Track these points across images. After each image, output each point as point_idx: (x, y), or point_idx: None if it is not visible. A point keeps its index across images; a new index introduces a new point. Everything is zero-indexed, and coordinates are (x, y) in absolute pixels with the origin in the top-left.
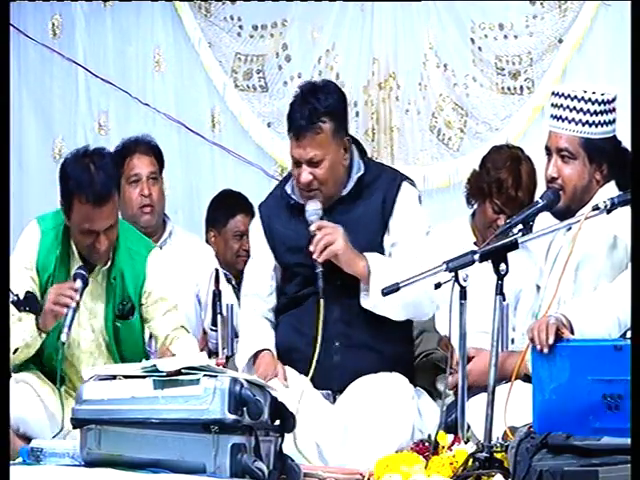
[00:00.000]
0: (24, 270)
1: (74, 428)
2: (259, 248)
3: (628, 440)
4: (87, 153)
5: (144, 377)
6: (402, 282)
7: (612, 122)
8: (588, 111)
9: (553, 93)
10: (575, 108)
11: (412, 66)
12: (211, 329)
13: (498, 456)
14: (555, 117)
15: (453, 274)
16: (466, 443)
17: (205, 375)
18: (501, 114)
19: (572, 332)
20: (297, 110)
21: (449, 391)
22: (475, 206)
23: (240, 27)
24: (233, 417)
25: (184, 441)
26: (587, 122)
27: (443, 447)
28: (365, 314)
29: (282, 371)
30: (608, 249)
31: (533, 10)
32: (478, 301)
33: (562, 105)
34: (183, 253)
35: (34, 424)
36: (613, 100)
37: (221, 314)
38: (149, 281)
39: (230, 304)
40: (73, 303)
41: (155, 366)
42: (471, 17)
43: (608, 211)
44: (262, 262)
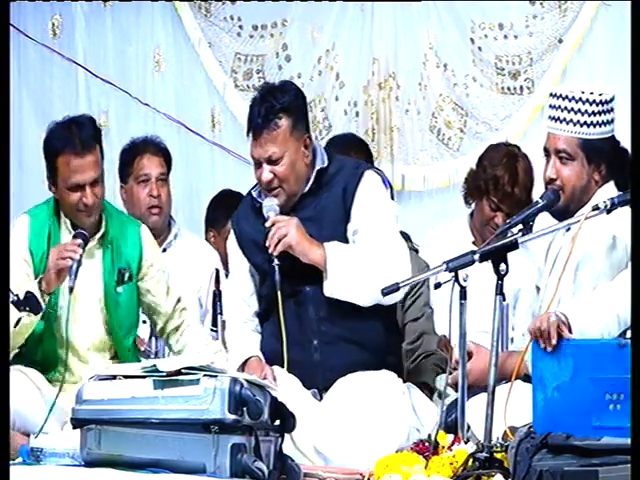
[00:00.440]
0: (19, 259)
1: (74, 428)
2: (235, 256)
3: (628, 440)
4: (67, 120)
5: (144, 377)
6: (402, 282)
7: (610, 122)
8: (586, 112)
9: (551, 94)
10: (573, 109)
11: (412, 66)
12: (211, 329)
13: (498, 456)
14: (553, 118)
15: (453, 274)
16: (466, 443)
17: (205, 375)
18: (501, 114)
19: (570, 331)
20: (255, 110)
21: (450, 390)
22: (473, 205)
23: (240, 27)
24: (233, 417)
25: (184, 441)
26: (585, 123)
27: (443, 447)
28: (340, 309)
29: (270, 372)
30: (607, 249)
31: (533, 10)
32: (478, 301)
33: (560, 106)
34: (187, 256)
35: (33, 417)
36: (611, 100)
37: (221, 314)
38: (147, 251)
39: None
40: (77, 256)
41: (155, 366)
42: (471, 17)
43: (608, 211)
44: (239, 267)
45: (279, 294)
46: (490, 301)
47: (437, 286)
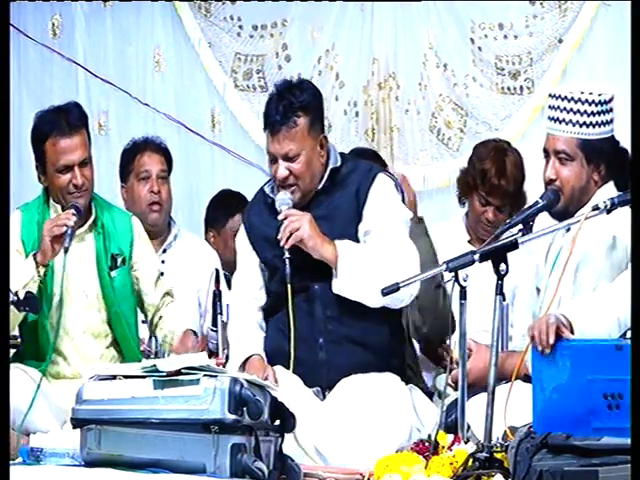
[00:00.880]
0: (12, 251)
1: (74, 428)
2: (244, 250)
3: (628, 440)
4: (53, 108)
5: (144, 377)
6: (402, 282)
7: (609, 122)
8: (585, 112)
9: (550, 95)
10: (572, 109)
11: (412, 66)
12: (211, 329)
13: (498, 456)
14: (552, 119)
15: (453, 274)
16: (466, 443)
17: (205, 375)
18: (501, 114)
19: (572, 332)
20: (272, 107)
21: (450, 390)
22: (466, 204)
23: (240, 27)
24: (233, 417)
25: (184, 441)
26: (584, 123)
27: (443, 447)
28: (348, 309)
29: (272, 373)
30: (607, 249)
31: (533, 10)
32: (478, 300)
33: (559, 107)
34: (187, 256)
35: (32, 416)
36: (610, 100)
37: (221, 314)
38: (138, 241)
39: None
40: (71, 222)
41: (155, 366)
42: (471, 17)
43: (608, 211)
44: (248, 261)
45: (289, 288)
46: (490, 301)
47: (437, 286)
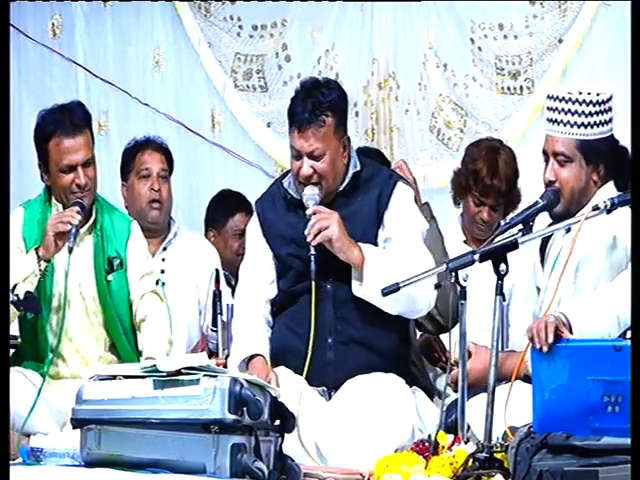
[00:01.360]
0: (13, 248)
1: (74, 428)
2: (256, 242)
3: (628, 440)
4: (57, 106)
5: (144, 377)
6: (402, 282)
7: (608, 122)
8: (583, 113)
9: (548, 96)
10: (570, 110)
11: (412, 66)
12: (211, 329)
13: (498, 456)
14: (550, 120)
15: (453, 274)
16: (466, 443)
17: (205, 375)
18: (501, 114)
19: (571, 332)
20: (300, 104)
21: (450, 390)
22: (461, 205)
23: (240, 27)
24: (233, 417)
25: (184, 441)
26: (582, 124)
27: (443, 447)
28: (358, 311)
29: (274, 377)
30: (608, 250)
31: (533, 10)
32: (478, 300)
33: (557, 108)
34: (187, 254)
35: (32, 419)
36: (609, 100)
37: (221, 314)
38: (132, 240)
39: (230, 304)
40: (75, 221)
41: (155, 366)
42: (471, 17)
43: (608, 211)
44: (261, 254)
45: (313, 285)
46: (489, 300)
47: (437, 286)
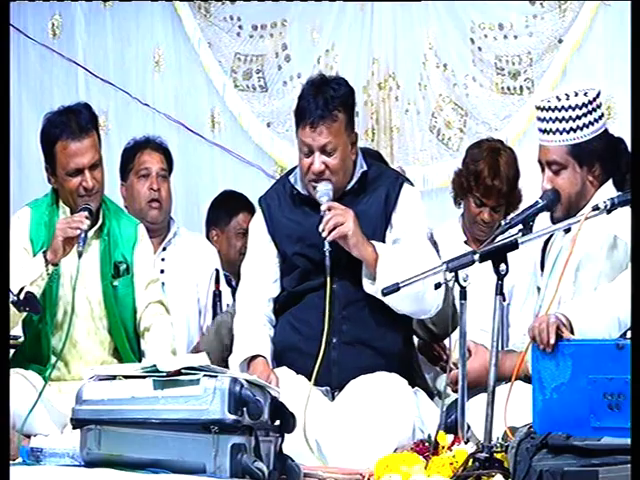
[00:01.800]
0: (20, 248)
1: (74, 428)
2: (260, 240)
3: (628, 440)
4: (63, 109)
5: (144, 377)
6: (402, 282)
7: (598, 119)
8: (570, 118)
9: (536, 107)
10: (557, 118)
11: (412, 66)
12: None
13: (498, 456)
14: (540, 130)
15: (453, 274)
16: (466, 443)
17: (205, 375)
18: (501, 114)
19: (572, 332)
20: (311, 100)
21: (449, 389)
22: (462, 205)
23: (240, 27)
24: (233, 417)
25: (184, 441)
26: (571, 129)
27: (443, 447)
28: (363, 311)
29: (275, 379)
30: (608, 249)
31: (533, 10)
32: (478, 299)
33: (545, 118)
34: (186, 254)
35: (32, 419)
36: (596, 97)
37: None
38: (140, 244)
39: (230, 305)
40: (84, 226)
41: (155, 366)
42: (471, 17)
43: (608, 211)
44: (266, 252)
45: (329, 281)
46: (489, 300)
47: (437, 286)
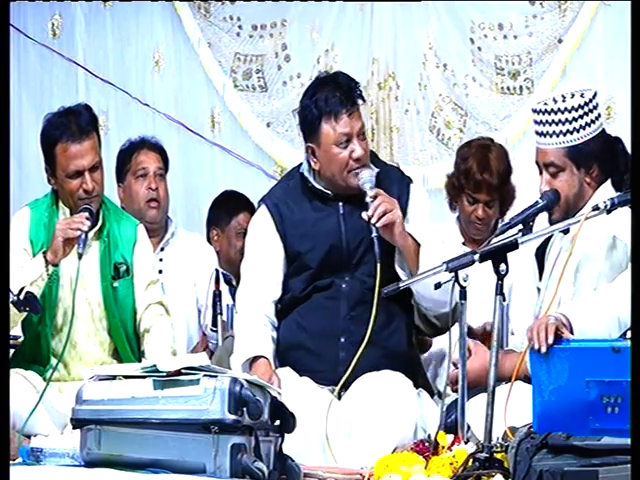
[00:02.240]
0: (19, 249)
1: (74, 428)
2: (265, 239)
3: (628, 440)
4: (63, 110)
5: (144, 377)
6: (402, 283)
7: (595, 120)
8: (567, 120)
9: (532, 110)
10: (554, 121)
11: (412, 66)
12: (211, 329)
13: (498, 456)
14: (537, 133)
15: (453, 274)
16: (466, 443)
17: (205, 375)
18: (500, 114)
19: (572, 332)
20: (336, 92)
21: (449, 389)
22: (457, 208)
23: (239, 27)
24: (233, 417)
25: (184, 441)
26: (568, 131)
27: (443, 447)
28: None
29: (277, 380)
30: (607, 250)
31: (533, 10)
32: (477, 298)
33: (541, 121)
34: (185, 254)
35: (32, 420)
36: (592, 99)
37: (221, 314)
38: (139, 244)
39: (230, 305)
40: (85, 227)
41: (155, 366)
42: (471, 17)
43: (608, 211)
44: (272, 252)
45: (379, 267)
46: (489, 300)
47: (437, 286)
